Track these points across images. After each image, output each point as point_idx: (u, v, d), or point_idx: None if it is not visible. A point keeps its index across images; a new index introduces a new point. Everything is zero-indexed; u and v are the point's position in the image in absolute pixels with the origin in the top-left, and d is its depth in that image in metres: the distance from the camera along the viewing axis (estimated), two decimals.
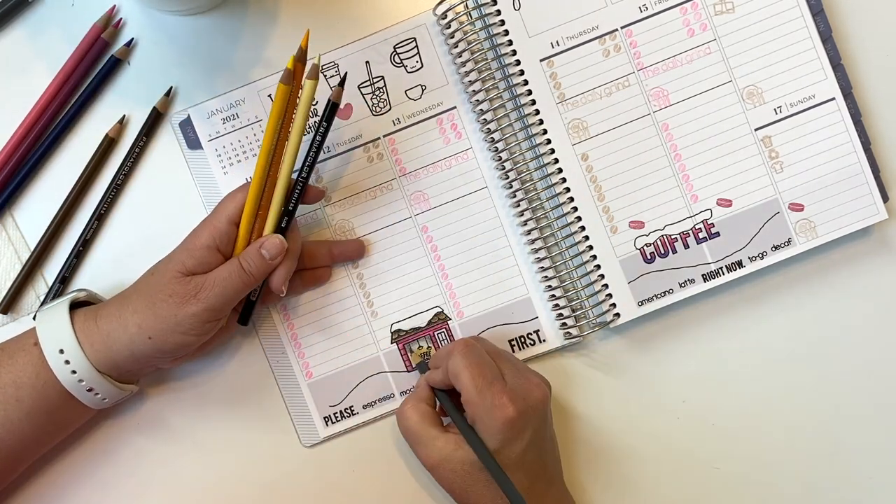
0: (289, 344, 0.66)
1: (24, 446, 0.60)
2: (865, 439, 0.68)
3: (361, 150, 0.66)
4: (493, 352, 0.62)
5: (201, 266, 0.59)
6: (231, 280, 0.59)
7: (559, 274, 0.66)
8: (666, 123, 0.66)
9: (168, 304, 0.58)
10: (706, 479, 0.68)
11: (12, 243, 0.66)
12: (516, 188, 0.66)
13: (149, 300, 0.59)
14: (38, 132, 0.65)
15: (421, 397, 0.63)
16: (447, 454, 0.60)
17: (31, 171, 0.66)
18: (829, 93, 0.66)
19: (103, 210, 0.66)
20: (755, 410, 0.68)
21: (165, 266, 0.60)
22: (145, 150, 0.66)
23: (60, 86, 0.65)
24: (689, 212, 0.66)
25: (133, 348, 0.59)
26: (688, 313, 0.68)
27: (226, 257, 0.61)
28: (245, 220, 0.60)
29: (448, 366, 0.61)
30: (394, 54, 0.66)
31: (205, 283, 0.59)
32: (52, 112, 0.65)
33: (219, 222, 0.60)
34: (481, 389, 0.58)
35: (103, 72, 0.66)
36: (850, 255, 0.68)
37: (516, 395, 0.59)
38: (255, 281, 0.60)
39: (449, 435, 0.60)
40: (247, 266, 0.60)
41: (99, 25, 0.65)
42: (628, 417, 0.68)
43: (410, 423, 0.61)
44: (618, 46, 0.66)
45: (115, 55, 0.66)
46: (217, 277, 0.59)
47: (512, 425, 0.58)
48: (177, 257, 0.60)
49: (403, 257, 0.67)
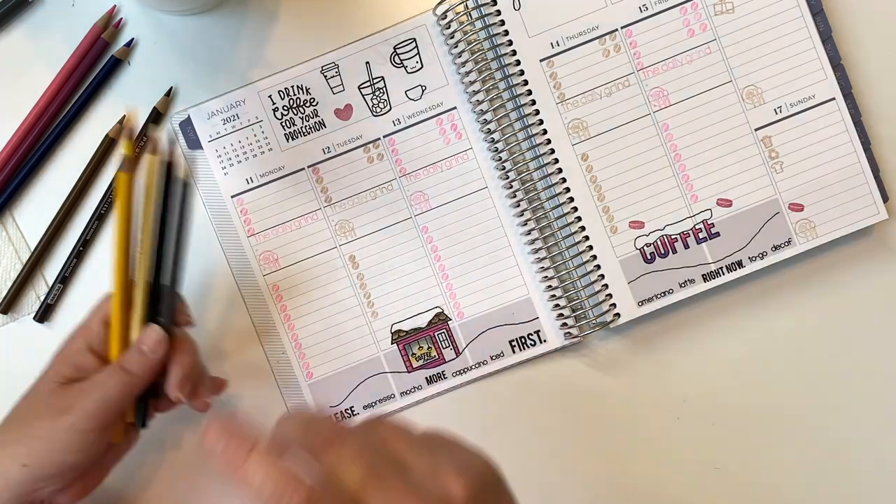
0: (289, 344, 0.66)
1: None
2: (865, 439, 0.68)
3: (361, 151, 0.66)
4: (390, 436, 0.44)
5: (79, 372, 0.54)
6: (111, 382, 0.53)
7: (559, 274, 0.66)
8: (666, 123, 0.66)
9: (43, 419, 0.52)
10: (706, 479, 0.68)
11: (12, 243, 0.66)
12: (516, 188, 0.66)
13: (23, 422, 0.52)
14: (38, 132, 0.65)
15: None
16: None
17: (31, 172, 0.66)
18: (828, 93, 0.66)
19: (103, 210, 0.66)
20: (755, 410, 0.68)
21: (41, 381, 0.54)
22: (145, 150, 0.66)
23: (61, 86, 0.65)
24: (689, 212, 0.66)
25: (10, 486, 0.51)
26: (688, 313, 0.68)
27: (105, 362, 0.55)
28: (115, 323, 0.56)
29: None
30: (394, 55, 0.66)
31: (83, 388, 0.53)
32: (53, 112, 0.65)
33: (92, 324, 0.56)
34: None
35: (103, 72, 0.66)
36: (850, 255, 0.68)
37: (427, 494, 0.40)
38: (138, 380, 0.54)
39: None
40: (127, 364, 0.54)
41: (99, 26, 0.65)
42: (628, 417, 0.68)
43: None
44: (618, 46, 0.66)
45: (115, 55, 0.66)
46: (96, 381, 0.53)
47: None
48: (52, 369, 0.55)
49: (404, 258, 0.67)
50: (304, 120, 0.66)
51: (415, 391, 0.67)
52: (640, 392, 0.68)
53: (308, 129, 0.66)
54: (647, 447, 0.68)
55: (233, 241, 0.66)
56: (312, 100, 0.66)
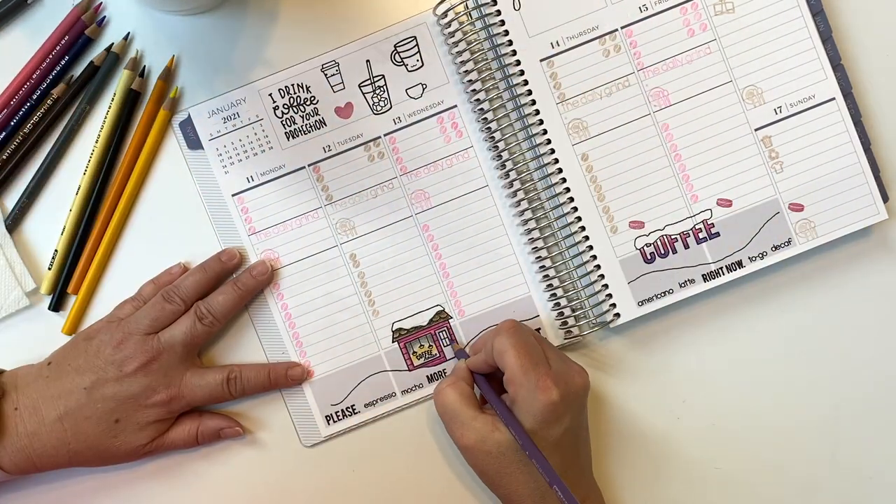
0: (290, 343, 0.66)
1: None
2: (865, 439, 0.68)
3: (362, 149, 0.66)
4: (537, 337, 0.63)
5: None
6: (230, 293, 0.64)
7: (559, 274, 0.66)
8: (666, 123, 0.66)
9: None
10: (706, 479, 0.68)
11: None
12: (517, 188, 0.66)
13: None
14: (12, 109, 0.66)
15: (460, 377, 0.63)
16: (483, 435, 0.59)
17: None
18: (829, 93, 0.66)
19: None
20: (755, 410, 0.68)
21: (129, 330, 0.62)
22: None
23: (38, 64, 0.65)
24: (689, 212, 0.66)
25: None
26: (688, 313, 0.68)
27: None
28: None
29: (494, 344, 0.60)
30: (394, 53, 0.66)
31: None
32: (28, 90, 0.65)
33: None
34: (527, 369, 0.58)
35: (75, 50, 0.65)
36: (850, 255, 0.68)
37: (560, 378, 0.59)
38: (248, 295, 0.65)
39: (486, 416, 0.60)
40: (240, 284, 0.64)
41: (79, 9, 0.65)
42: (628, 417, 0.68)
43: (448, 401, 0.61)
44: (618, 46, 0.66)
45: (86, 34, 0.65)
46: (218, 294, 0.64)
47: (554, 408, 0.58)
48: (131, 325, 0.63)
49: (404, 256, 0.67)
50: (305, 118, 0.66)
51: (416, 389, 0.67)
52: (640, 392, 0.68)
53: (308, 127, 0.66)
54: (647, 447, 0.68)
55: (234, 239, 0.66)
56: (313, 98, 0.66)
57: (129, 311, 0.63)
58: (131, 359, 0.61)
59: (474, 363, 0.63)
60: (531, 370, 0.58)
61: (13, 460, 0.59)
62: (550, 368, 0.59)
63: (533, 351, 0.59)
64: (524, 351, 0.59)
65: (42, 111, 0.65)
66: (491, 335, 0.62)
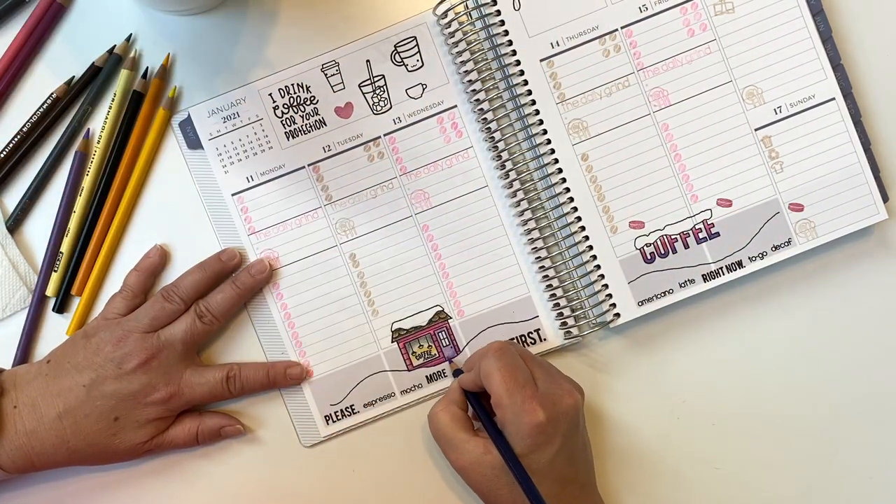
0: (289, 342, 0.66)
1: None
2: (865, 439, 0.68)
3: (362, 149, 0.66)
4: (526, 356, 0.62)
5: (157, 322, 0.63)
6: (229, 291, 0.64)
7: (559, 274, 0.66)
8: (666, 123, 0.66)
9: None
10: (706, 479, 0.68)
11: None
12: (516, 188, 0.66)
13: None
14: None
15: (452, 399, 0.63)
16: (476, 458, 0.59)
17: None
18: (828, 93, 0.66)
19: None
20: (755, 410, 0.68)
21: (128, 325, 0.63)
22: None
23: (23, 42, 0.65)
24: (689, 212, 0.66)
25: None
26: (688, 313, 0.68)
27: None
28: None
29: (480, 366, 0.60)
30: (394, 53, 0.66)
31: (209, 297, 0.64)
32: None
33: None
34: (512, 392, 0.58)
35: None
36: (850, 255, 0.68)
37: (547, 400, 0.59)
38: (247, 293, 0.65)
39: (478, 439, 0.60)
40: (238, 282, 0.65)
41: None
42: (628, 417, 0.68)
43: (441, 425, 0.61)
44: (618, 46, 0.66)
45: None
46: (218, 291, 0.65)
47: (541, 430, 0.58)
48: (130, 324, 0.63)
49: (404, 256, 0.67)
50: (305, 118, 0.66)
51: (415, 389, 0.67)
52: (640, 392, 0.68)
53: (308, 127, 0.66)
54: (647, 447, 0.68)
55: (233, 239, 0.66)
56: (313, 98, 0.66)
57: (120, 304, 0.63)
58: (131, 356, 0.61)
59: (466, 382, 0.63)
60: (516, 393, 0.58)
61: (12, 459, 0.59)
62: (537, 390, 0.59)
63: (519, 373, 0.59)
64: (509, 373, 0.59)
65: (42, 111, 0.65)
66: (479, 356, 0.62)
